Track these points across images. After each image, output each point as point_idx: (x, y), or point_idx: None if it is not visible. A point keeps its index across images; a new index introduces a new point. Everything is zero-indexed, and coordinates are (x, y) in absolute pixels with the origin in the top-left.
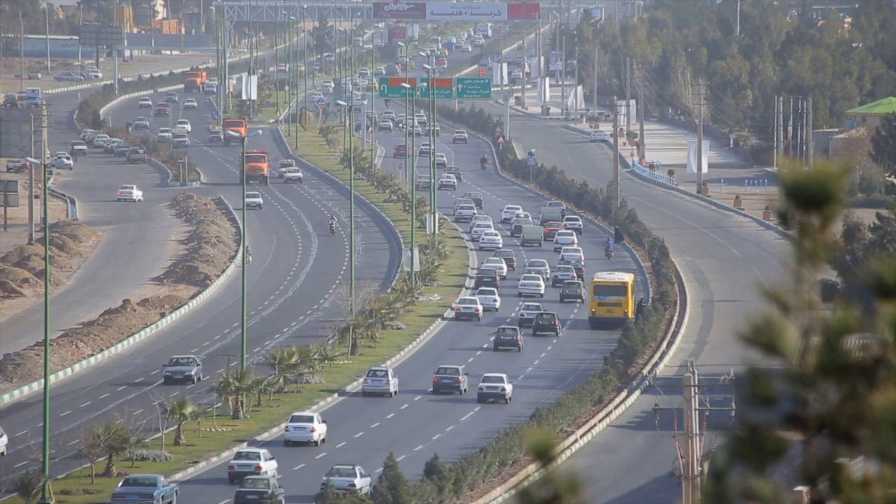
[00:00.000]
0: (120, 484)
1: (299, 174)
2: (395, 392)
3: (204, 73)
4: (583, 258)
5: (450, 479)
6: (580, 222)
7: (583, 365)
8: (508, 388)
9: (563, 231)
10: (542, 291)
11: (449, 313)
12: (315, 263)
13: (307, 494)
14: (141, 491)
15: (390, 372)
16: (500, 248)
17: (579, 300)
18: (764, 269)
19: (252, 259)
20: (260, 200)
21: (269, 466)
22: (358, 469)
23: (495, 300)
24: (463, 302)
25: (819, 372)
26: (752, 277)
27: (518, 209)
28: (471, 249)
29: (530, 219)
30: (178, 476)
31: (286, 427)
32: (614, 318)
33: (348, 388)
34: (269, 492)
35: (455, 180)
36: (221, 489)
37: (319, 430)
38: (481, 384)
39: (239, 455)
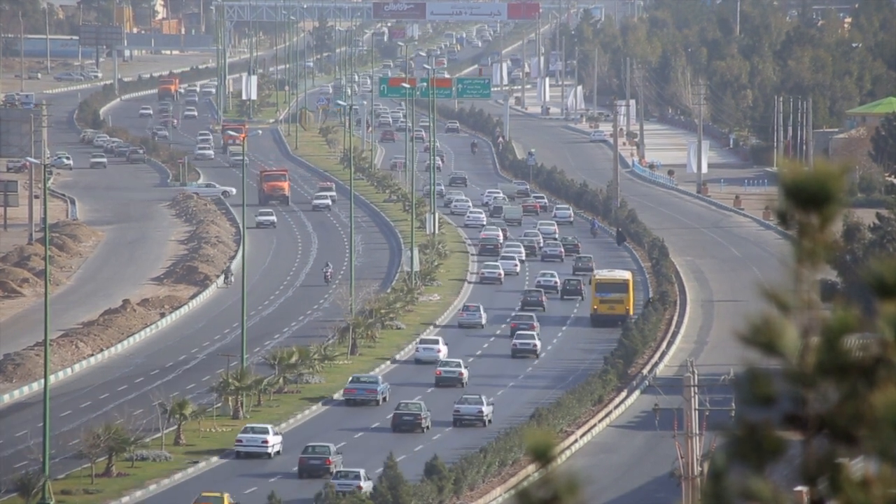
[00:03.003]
0: (349, 381)
1: (328, 201)
2: (484, 324)
3: (177, 80)
4: (557, 230)
5: (450, 479)
6: (545, 200)
7: (583, 365)
8: (539, 343)
9: (561, 206)
10: (523, 257)
11: (473, 278)
12: (315, 263)
13: (445, 420)
14: (367, 387)
15: (482, 307)
16: (483, 224)
17: (591, 273)
18: (764, 269)
19: (234, 280)
20: (274, 219)
21: (443, 350)
22: (484, 398)
23: (516, 265)
24: (487, 267)
25: (819, 372)
26: (752, 277)
27: (498, 192)
28: (457, 226)
29: (507, 201)
30: (178, 476)
31: (417, 348)
32: (616, 315)
33: (438, 322)
34: (421, 414)
35: (440, 162)
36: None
37: (444, 350)
38: (515, 340)
39: (423, 341)
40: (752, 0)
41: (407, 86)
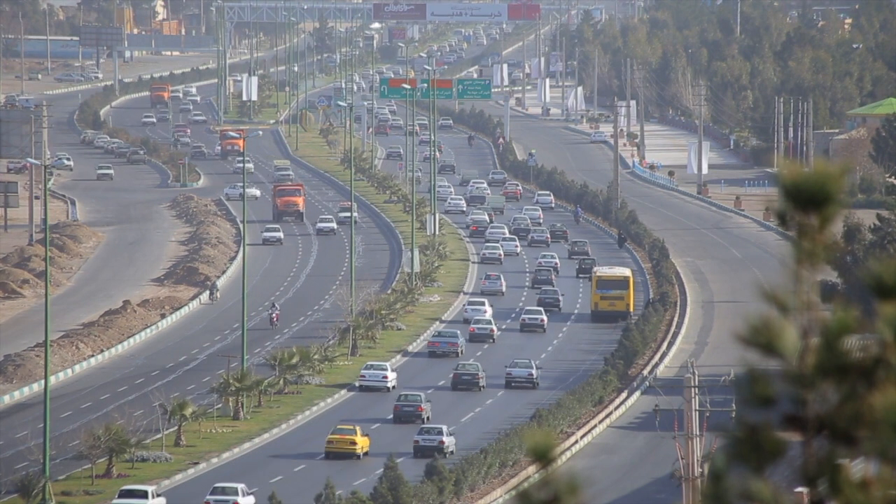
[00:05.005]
0: (433, 335)
1: (333, 225)
2: (504, 293)
3: (169, 86)
4: (542, 216)
5: (450, 479)
6: (519, 187)
7: (583, 366)
8: (545, 318)
9: (542, 192)
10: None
11: (475, 258)
12: (315, 264)
13: (498, 383)
14: (449, 340)
15: (502, 276)
16: (463, 210)
17: (586, 256)
18: (764, 270)
19: (219, 296)
20: (280, 235)
21: (489, 311)
22: (533, 362)
23: (517, 246)
24: (488, 247)
25: (818, 372)
26: (753, 278)
27: (482, 182)
28: (440, 212)
29: (488, 190)
30: (178, 477)
31: (465, 308)
32: (616, 312)
33: (465, 289)
34: (477, 373)
35: (437, 153)
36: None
37: (489, 311)
38: (524, 316)
39: (471, 302)
40: (752, 1)
41: (407, 87)
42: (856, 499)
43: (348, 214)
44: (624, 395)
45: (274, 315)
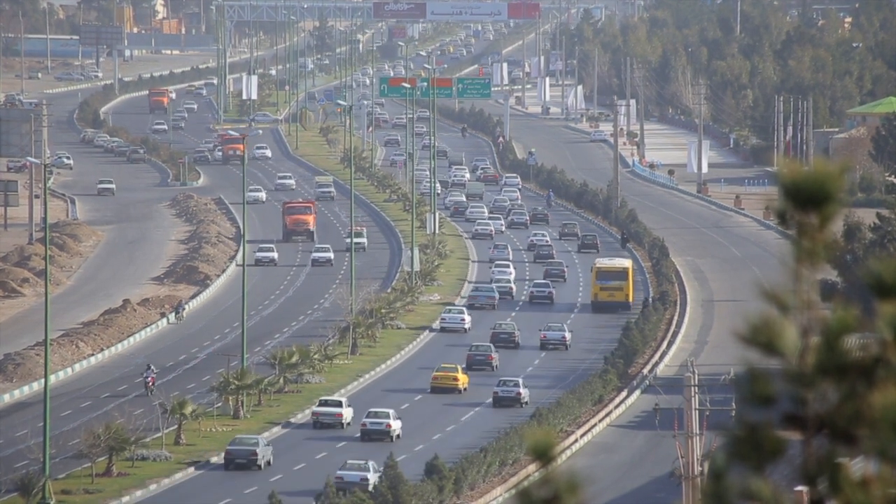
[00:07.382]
0: (471, 290)
1: (330, 255)
2: (511, 260)
3: (168, 91)
4: (520, 197)
5: (450, 478)
6: (493, 171)
7: (583, 365)
8: (553, 290)
9: (509, 175)
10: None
11: (467, 236)
12: (312, 269)
13: (533, 345)
14: (487, 294)
15: (509, 246)
16: (439, 193)
17: (576, 237)
18: (764, 269)
19: (185, 316)
20: (275, 255)
21: (514, 273)
22: (566, 325)
23: (502, 224)
24: (480, 224)
25: (818, 371)
26: (753, 277)
27: (464, 169)
28: (420, 193)
29: (467, 176)
30: (179, 476)
31: (492, 270)
32: (616, 303)
33: (471, 258)
34: (513, 332)
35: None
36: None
37: (514, 272)
38: (532, 289)
39: (498, 265)
40: (752, 0)
41: (407, 86)
42: (856, 498)
43: (358, 240)
44: (624, 393)
45: (150, 378)
